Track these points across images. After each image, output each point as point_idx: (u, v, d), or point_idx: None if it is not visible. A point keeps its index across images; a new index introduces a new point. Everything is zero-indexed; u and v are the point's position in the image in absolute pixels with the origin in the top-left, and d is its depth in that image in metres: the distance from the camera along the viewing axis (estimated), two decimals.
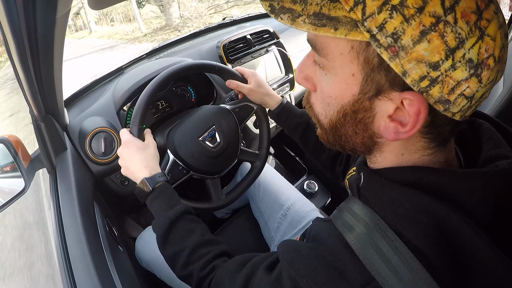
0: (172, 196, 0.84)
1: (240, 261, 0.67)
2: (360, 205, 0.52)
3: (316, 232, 0.55)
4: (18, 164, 0.94)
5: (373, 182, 0.52)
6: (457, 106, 0.41)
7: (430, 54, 0.37)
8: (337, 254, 0.48)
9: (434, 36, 0.37)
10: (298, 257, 0.52)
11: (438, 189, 0.45)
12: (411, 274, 0.42)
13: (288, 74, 1.61)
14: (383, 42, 0.39)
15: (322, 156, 1.06)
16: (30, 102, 0.86)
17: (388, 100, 0.44)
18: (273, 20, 1.98)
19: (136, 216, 1.74)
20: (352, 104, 0.48)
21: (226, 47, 1.42)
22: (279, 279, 0.52)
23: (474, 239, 0.41)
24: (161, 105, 1.35)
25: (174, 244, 0.77)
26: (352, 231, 0.49)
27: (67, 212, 0.90)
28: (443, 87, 0.39)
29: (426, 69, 0.38)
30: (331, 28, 0.41)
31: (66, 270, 0.79)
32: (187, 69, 1.05)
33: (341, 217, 0.53)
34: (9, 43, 0.62)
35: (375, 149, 0.53)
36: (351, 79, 0.45)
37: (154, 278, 1.20)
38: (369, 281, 0.44)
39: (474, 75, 0.38)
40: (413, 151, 0.49)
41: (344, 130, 0.52)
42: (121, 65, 1.47)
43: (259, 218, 1.30)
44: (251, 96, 1.13)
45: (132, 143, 0.89)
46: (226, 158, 1.09)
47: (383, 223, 0.47)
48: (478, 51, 0.37)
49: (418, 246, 0.42)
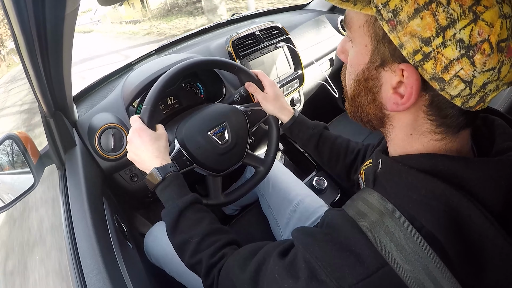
0: (182, 186, 0.85)
1: (251, 249, 0.67)
2: (375, 194, 0.54)
3: (330, 220, 0.56)
4: (27, 160, 0.95)
5: (391, 168, 0.54)
6: (453, 88, 0.43)
7: (422, 29, 0.42)
8: (351, 238, 0.49)
9: (426, 14, 0.41)
10: (313, 241, 0.53)
11: (452, 176, 0.46)
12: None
13: (297, 70, 1.60)
14: (385, 16, 0.44)
15: (338, 167, 1.06)
16: (39, 98, 0.86)
17: (392, 72, 0.49)
18: (282, 17, 1.98)
19: (145, 212, 1.75)
20: (363, 72, 0.53)
21: (235, 43, 1.42)
22: (294, 262, 0.54)
23: (486, 226, 0.42)
24: (170, 100, 1.35)
25: (183, 232, 0.77)
26: (366, 218, 0.50)
27: (76, 208, 0.90)
28: (435, 63, 0.43)
29: (419, 44, 0.43)
30: (352, 3, 0.49)
31: (75, 265, 0.79)
32: (206, 63, 1.05)
33: (354, 206, 0.55)
34: (18, 39, 0.62)
35: (387, 123, 0.57)
36: (365, 49, 0.51)
37: (163, 273, 1.21)
38: (383, 265, 0.45)
39: (466, 56, 0.40)
40: (420, 132, 0.52)
41: (360, 99, 0.57)
42: (130, 61, 1.47)
43: (268, 214, 1.30)
44: (263, 105, 1.14)
45: (144, 132, 0.89)
46: (231, 157, 1.08)
47: (397, 211, 0.48)
48: (470, 33, 0.39)
49: (431, 232, 0.44)
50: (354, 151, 1.02)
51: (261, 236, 1.30)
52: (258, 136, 1.62)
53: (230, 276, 0.66)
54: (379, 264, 0.45)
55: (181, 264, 0.80)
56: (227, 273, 0.67)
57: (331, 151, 1.06)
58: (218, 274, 0.69)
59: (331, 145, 1.06)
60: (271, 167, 1.18)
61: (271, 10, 2.03)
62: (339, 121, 2.02)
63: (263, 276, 0.59)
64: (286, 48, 1.58)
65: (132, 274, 0.92)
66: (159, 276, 1.24)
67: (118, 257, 0.91)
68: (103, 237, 0.88)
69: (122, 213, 1.34)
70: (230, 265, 0.67)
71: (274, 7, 2.07)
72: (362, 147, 1.01)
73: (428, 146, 0.52)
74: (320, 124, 1.11)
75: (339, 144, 1.06)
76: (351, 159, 1.01)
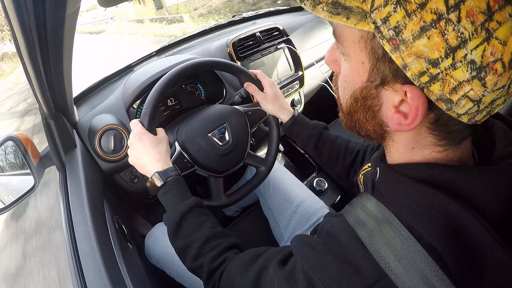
0: (183, 190, 0.85)
1: (252, 254, 0.67)
2: (373, 201, 0.53)
3: (329, 228, 0.55)
4: (28, 161, 0.95)
5: (389, 177, 0.53)
6: (461, 107, 0.41)
7: (430, 50, 0.38)
8: (350, 249, 0.49)
9: (434, 33, 0.37)
10: (312, 251, 0.53)
11: (451, 187, 0.45)
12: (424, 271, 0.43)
13: (298, 72, 1.61)
14: (386, 34, 0.40)
15: (337, 167, 1.07)
16: (39, 100, 0.86)
17: (394, 92, 0.46)
18: (282, 18, 1.98)
19: (145, 214, 1.75)
20: (361, 91, 0.50)
21: (235, 45, 1.42)
22: (293, 273, 0.53)
23: (485, 236, 0.41)
24: (170, 102, 1.35)
25: (185, 236, 0.77)
26: (365, 227, 0.50)
27: (76, 209, 0.90)
28: (443, 85, 0.39)
29: (426, 65, 0.39)
30: (344, 17, 0.43)
31: (75, 267, 0.79)
32: (206, 64, 1.05)
33: (353, 213, 0.54)
34: (19, 40, 0.62)
35: (387, 138, 0.55)
36: (361, 66, 0.48)
37: (163, 274, 1.21)
38: (382, 276, 0.45)
39: (477, 77, 0.37)
40: (423, 145, 0.50)
41: (357, 115, 0.54)
42: (130, 63, 1.47)
43: (268, 216, 1.30)
44: (263, 105, 1.14)
45: (145, 136, 0.89)
46: (232, 158, 1.08)
47: (396, 219, 0.48)
48: (482, 54, 0.36)
49: (430, 243, 0.44)
50: (353, 151, 1.02)
51: (262, 238, 1.29)
52: (259, 137, 1.62)
53: (231, 281, 0.66)
54: (377, 276, 0.45)
55: (182, 265, 0.81)
56: (228, 278, 0.67)
57: (330, 151, 1.06)
58: (219, 278, 0.69)
59: (331, 145, 1.07)
60: (272, 167, 1.18)
61: (272, 12, 2.03)
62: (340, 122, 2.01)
63: (263, 283, 0.59)
64: (287, 50, 1.58)
65: (133, 275, 0.92)
66: (159, 277, 1.24)
67: (118, 258, 0.91)
68: (104, 238, 0.88)
69: (123, 214, 1.34)
70: (231, 270, 0.67)
71: (274, 8, 2.07)
72: (362, 148, 1.01)
73: (429, 157, 0.50)
74: (320, 124, 1.11)
75: (339, 144, 1.06)
76: (350, 160, 1.01)
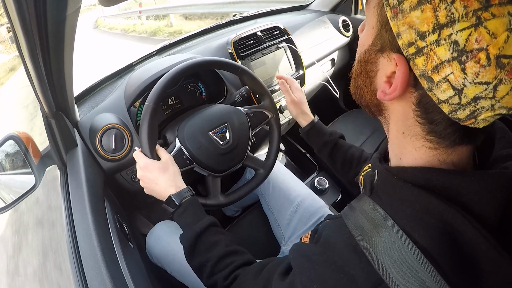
0: (198, 211, 0.87)
1: (256, 268, 0.70)
2: (371, 204, 0.54)
3: (327, 235, 0.56)
4: (29, 160, 0.95)
5: (386, 181, 0.54)
6: (442, 92, 0.42)
7: (420, 23, 0.40)
8: (346, 258, 0.50)
9: (428, 7, 0.39)
10: (308, 263, 0.54)
11: (447, 191, 0.46)
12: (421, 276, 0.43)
13: (299, 71, 1.60)
14: (391, 2, 0.44)
15: (349, 174, 1.08)
16: (40, 99, 0.86)
17: (388, 61, 0.49)
18: (283, 17, 1.98)
19: (146, 213, 1.75)
20: (365, 53, 0.53)
21: (236, 44, 1.42)
22: (292, 285, 0.55)
23: (480, 241, 0.42)
24: (171, 101, 1.35)
25: (200, 255, 0.80)
26: (363, 231, 0.50)
27: (77, 208, 0.90)
28: (427, 60, 0.42)
29: (414, 36, 0.42)
30: None
31: (76, 266, 0.79)
32: (209, 64, 1.06)
33: (352, 217, 0.55)
34: (20, 39, 0.62)
35: (383, 111, 0.56)
36: (371, 31, 0.51)
37: (164, 274, 1.21)
38: (378, 284, 0.45)
39: (457, 60, 0.39)
40: (412, 134, 0.51)
41: (359, 81, 0.57)
42: (131, 62, 1.47)
43: (269, 215, 1.30)
44: (289, 107, 1.18)
45: (152, 166, 0.91)
46: (231, 158, 1.08)
47: (393, 223, 0.48)
48: (467, 37, 0.37)
49: (425, 248, 0.44)
50: (367, 160, 1.02)
51: (262, 237, 1.30)
52: (260, 136, 1.62)
53: None
54: (372, 284, 0.45)
55: (183, 264, 0.82)
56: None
57: (344, 158, 1.09)
58: None
59: (345, 152, 1.09)
60: (271, 170, 1.18)
61: (273, 11, 2.03)
62: (341, 121, 2.02)
63: None
64: (288, 49, 1.58)
65: (134, 274, 0.92)
66: (160, 276, 1.24)
67: (119, 257, 0.91)
68: (105, 238, 0.88)
69: (124, 214, 1.34)
70: (239, 286, 0.71)
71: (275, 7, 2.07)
72: None
73: (421, 152, 0.51)
74: (337, 133, 1.14)
75: (353, 152, 1.09)
76: (363, 167, 1.01)
